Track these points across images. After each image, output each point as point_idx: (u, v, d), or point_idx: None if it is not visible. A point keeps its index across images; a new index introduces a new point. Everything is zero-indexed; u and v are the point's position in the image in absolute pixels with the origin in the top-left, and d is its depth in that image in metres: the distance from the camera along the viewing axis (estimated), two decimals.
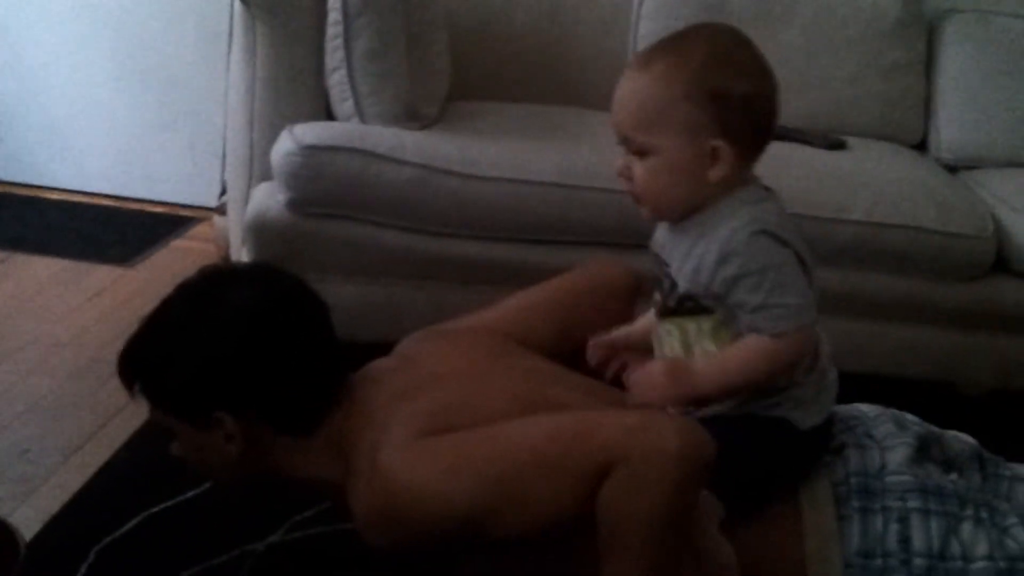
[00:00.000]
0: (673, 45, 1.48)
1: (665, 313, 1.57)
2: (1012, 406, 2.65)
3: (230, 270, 1.70)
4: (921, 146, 3.18)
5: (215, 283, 1.63)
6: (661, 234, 1.59)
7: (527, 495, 1.38)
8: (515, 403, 1.52)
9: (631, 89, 1.47)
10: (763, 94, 1.47)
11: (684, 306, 1.52)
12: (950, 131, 3.13)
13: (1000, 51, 3.15)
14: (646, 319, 1.69)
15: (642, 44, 3.08)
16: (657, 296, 1.59)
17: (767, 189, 1.53)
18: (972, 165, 3.07)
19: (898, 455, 1.59)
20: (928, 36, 3.21)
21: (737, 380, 1.48)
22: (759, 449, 1.50)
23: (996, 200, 2.72)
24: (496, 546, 1.45)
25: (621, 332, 1.75)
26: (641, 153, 1.46)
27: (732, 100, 1.42)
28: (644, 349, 1.67)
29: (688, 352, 1.54)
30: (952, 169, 3.03)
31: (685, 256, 1.50)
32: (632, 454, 1.30)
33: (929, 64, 3.20)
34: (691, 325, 1.52)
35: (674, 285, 1.53)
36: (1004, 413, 2.58)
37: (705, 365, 1.49)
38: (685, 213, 1.50)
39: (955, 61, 3.17)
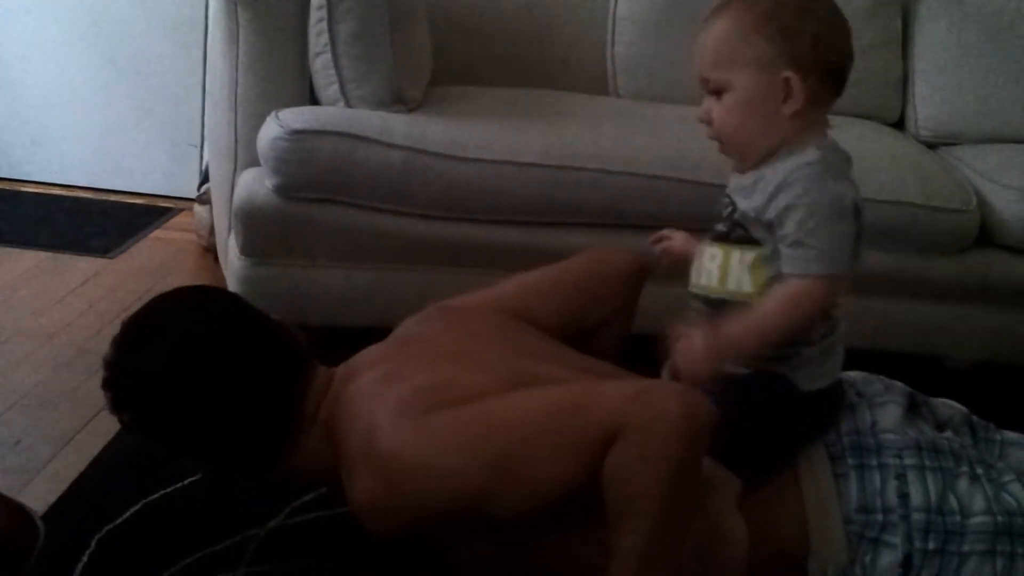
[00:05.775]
0: None
1: (716, 237, 1.59)
2: (997, 378, 2.68)
3: (174, 308, 1.69)
4: (899, 124, 3.20)
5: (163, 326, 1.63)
6: (734, 179, 1.61)
7: (531, 469, 1.37)
8: (501, 382, 1.52)
9: (706, 33, 1.53)
10: (834, 33, 1.51)
11: (734, 233, 1.55)
12: (927, 109, 3.15)
13: (974, 28, 3.17)
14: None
15: (621, 27, 3.09)
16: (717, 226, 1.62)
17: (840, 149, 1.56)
18: (950, 142, 3.09)
19: (889, 413, 1.61)
20: (903, 15, 3.23)
21: (773, 331, 1.48)
22: (760, 406, 1.52)
23: (976, 175, 2.74)
24: (495, 529, 1.46)
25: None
26: (718, 92, 1.52)
27: (802, 35, 1.47)
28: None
29: (722, 282, 1.55)
30: (930, 146, 3.05)
31: (752, 187, 1.53)
32: (635, 421, 1.31)
33: (905, 43, 3.22)
34: (735, 254, 1.54)
35: (733, 211, 1.56)
36: (989, 385, 2.59)
37: (741, 324, 1.49)
38: (763, 153, 1.53)
39: (930, 39, 3.19)
